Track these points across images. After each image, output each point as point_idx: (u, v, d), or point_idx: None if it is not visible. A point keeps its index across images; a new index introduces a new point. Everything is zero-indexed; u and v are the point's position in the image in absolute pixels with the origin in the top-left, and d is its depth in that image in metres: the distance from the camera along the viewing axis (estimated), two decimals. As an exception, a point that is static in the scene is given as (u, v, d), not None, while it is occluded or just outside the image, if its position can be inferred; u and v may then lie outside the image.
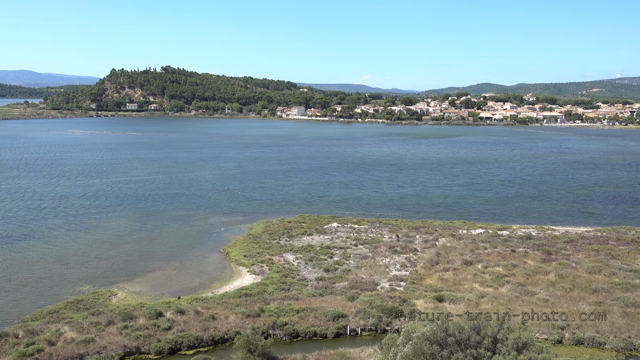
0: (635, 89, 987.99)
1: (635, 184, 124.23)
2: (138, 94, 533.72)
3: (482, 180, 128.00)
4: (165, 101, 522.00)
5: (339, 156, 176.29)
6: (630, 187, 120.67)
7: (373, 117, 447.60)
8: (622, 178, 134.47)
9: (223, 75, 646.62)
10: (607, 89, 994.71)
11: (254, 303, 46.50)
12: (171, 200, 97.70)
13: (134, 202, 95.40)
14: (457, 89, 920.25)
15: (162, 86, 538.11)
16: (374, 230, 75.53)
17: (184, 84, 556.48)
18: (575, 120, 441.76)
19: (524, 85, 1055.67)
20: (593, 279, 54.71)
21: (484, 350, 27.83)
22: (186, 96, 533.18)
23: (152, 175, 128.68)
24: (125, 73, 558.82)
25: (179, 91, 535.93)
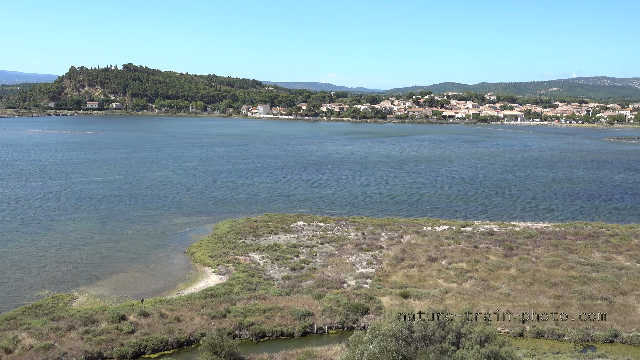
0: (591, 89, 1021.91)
1: (590, 181, 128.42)
2: (99, 92, 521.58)
3: (445, 177, 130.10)
4: (127, 100, 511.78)
5: (304, 155, 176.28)
6: (585, 183, 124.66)
7: (338, 115, 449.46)
8: (578, 175, 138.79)
9: (187, 74, 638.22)
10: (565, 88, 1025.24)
11: (219, 304, 46.05)
12: (133, 201, 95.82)
13: (94, 203, 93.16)
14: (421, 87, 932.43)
15: (123, 84, 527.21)
16: (340, 229, 75.83)
17: (147, 82, 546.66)
18: (534, 118, 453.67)
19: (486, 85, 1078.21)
20: (552, 273, 56.30)
21: (448, 345, 28.30)
22: (149, 94, 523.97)
23: (113, 175, 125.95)
24: (85, 71, 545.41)
25: (142, 89, 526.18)
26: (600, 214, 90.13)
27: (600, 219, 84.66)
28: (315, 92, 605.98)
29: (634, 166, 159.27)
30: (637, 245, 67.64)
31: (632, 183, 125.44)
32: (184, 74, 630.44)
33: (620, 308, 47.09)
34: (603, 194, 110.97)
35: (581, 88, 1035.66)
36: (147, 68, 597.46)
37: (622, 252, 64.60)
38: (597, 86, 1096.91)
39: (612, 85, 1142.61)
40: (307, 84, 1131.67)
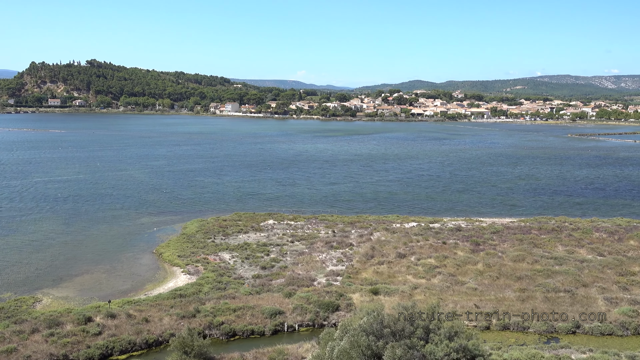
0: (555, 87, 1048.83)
1: (553, 177, 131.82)
2: (61, 89, 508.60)
3: (413, 175, 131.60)
4: (91, 97, 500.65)
5: (273, 153, 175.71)
6: (549, 179, 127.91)
7: (308, 113, 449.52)
8: (542, 171, 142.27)
9: (153, 70, 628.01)
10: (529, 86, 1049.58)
11: (189, 304, 45.60)
12: (98, 200, 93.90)
13: (57, 203, 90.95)
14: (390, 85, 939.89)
15: (87, 81, 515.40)
16: (310, 227, 75.94)
17: (111, 78, 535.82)
18: (500, 116, 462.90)
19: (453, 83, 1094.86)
20: (517, 267, 57.63)
21: (417, 340, 28.69)
22: (114, 91, 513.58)
23: (77, 174, 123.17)
24: (47, 67, 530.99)
25: (106, 86, 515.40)
26: (562, 208, 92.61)
27: (563, 213, 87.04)
28: (284, 90, 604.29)
29: (595, 162, 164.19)
30: (598, 239, 69.80)
31: (593, 178, 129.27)
32: (150, 71, 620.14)
33: (582, 300, 48.55)
34: (565, 189, 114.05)
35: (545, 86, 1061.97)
36: (111, 64, 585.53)
37: (584, 246, 66.58)
38: (561, 84, 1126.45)
39: (574, 83, 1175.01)
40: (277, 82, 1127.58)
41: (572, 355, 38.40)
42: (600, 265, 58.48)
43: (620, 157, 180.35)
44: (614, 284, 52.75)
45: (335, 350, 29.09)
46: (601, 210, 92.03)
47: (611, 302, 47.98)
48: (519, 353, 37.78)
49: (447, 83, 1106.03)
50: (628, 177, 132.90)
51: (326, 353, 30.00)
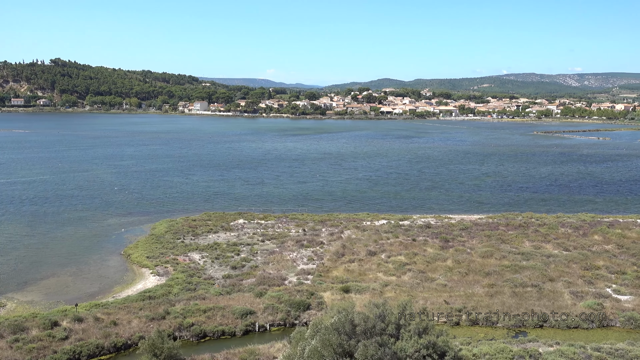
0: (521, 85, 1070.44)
1: (519, 174, 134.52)
2: (24, 88, 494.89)
3: (382, 173, 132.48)
4: (56, 96, 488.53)
5: (241, 152, 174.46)
6: (515, 176, 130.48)
7: (278, 112, 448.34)
8: (509, 168, 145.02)
9: (120, 69, 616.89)
10: (496, 84, 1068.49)
11: (158, 305, 44.90)
12: (64, 202, 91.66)
13: (21, 205, 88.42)
14: (359, 84, 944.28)
15: (51, 80, 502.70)
16: (280, 225, 75.68)
17: (77, 77, 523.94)
18: (468, 114, 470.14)
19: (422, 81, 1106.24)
20: (486, 263, 58.59)
21: (387, 337, 28.87)
22: (79, 91, 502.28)
23: (42, 175, 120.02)
24: (9, 66, 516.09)
25: (71, 85, 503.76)
26: (529, 205, 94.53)
27: (530, 209, 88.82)
28: (254, 89, 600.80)
29: (559, 159, 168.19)
30: (564, 234, 71.52)
31: (558, 175, 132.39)
32: (116, 70, 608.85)
33: (549, 294, 49.67)
34: (531, 186, 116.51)
35: (511, 84, 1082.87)
36: (76, 63, 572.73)
37: (550, 241, 68.11)
38: (526, 82, 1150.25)
39: (540, 81, 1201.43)
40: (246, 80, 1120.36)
41: (540, 348, 39.20)
42: (566, 260, 59.93)
43: (583, 154, 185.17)
44: (579, 278, 54.12)
45: (306, 350, 29.04)
46: (566, 206, 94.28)
47: (577, 296, 49.21)
48: (488, 348, 38.38)
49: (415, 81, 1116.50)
50: (591, 173, 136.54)
51: (297, 352, 29.93)
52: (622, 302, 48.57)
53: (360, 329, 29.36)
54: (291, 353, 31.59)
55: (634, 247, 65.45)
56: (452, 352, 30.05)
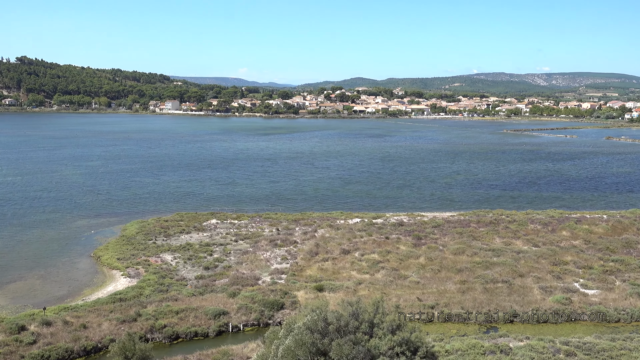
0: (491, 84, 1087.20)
1: (489, 172, 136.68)
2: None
3: (355, 172, 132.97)
4: (22, 95, 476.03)
5: (213, 152, 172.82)
6: (486, 174, 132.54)
7: (251, 111, 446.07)
8: (479, 166, 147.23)
9: (88, 67, 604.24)
10: (467, 83, 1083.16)
11: (129, 307, 44.19)
12: (30, 204, 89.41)
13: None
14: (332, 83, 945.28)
15: (17, 78, 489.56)
16: (254, 225, 75.29)
17: (44, 76, 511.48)
18: (439, 112, 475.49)
19: (394, 80, 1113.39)
20: (458, 260, 59.34)
21: (361, 335, 28.96)
22: (47, 90, 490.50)
23: (7, 177, 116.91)
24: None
25: (38, 84, 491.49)
26: (499, 202, 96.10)
27: (500, 206, 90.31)
28: (226, 88, 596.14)
29: (528, 157, 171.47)
30: (533, 230, 72.93)
31: (527, 172, 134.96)
32: (85, 68, 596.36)
33: (519, 290, 50.59)
34: (501, 183, 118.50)
35: (481, 83, 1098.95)
36: (43, 61, 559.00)
37: (520, 237, 69.38)
38: (496, 81, 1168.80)
39: (509, 80, 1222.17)
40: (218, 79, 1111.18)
41: (510, 343, 39.89)
42: (535, 255, 61.13)
43: (551, 151, 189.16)
44: (548, 273, 55.26)
45: (280, 349, 28.94)
46: (534, 203, 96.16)
47: (546, 291, 50.24)
48: (460, 343, 38.89)
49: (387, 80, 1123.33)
50: (559, 170, 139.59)
51: (271, 352, 29.80)
52: (589, 296, 49.78)
53: (334, 328, 29.38)
54: (265, 353, 31.45)
55: (601, 242, 67.15)
56: (425, 348, 30.32)
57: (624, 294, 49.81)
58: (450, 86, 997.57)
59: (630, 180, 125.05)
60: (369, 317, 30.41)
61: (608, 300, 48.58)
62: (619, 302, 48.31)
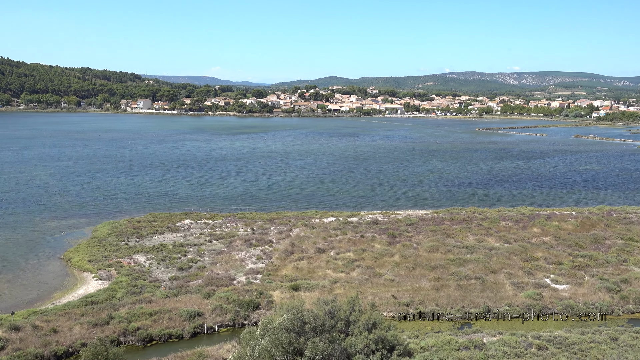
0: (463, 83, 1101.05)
1: (462, 170, 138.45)
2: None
3: (329, 170, 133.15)
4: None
5: (186, 152, 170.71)
6: (458, 172, 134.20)
7: (224, 110, 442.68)
8: (452, 165, 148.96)
9: (57, 66, 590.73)
10: (439, 82, 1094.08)
11: (101, 310, 43.38)
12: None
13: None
14: (306, 81, 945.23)
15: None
16: (228, 225, 74.74)
17: (10, 74, 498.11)
18: (413, 111, 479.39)
19: (368, 79, 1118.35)
20: (432, 257, 59.92)
21: (337, 334, 28.99)
22: (13, 89, 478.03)
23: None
24: None
25: (4, 83, 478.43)
26: (472, 200, 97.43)
27: (473, 204, 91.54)
28: (199, 86, 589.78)
29: (500, 155, 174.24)
30: (505, 227, 74.10)
31: (498, 171, 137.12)
32: (53, 67, 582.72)
33: (492, 286, 51.34)
34: (474, 181, 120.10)
35: (454, 82, 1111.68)
36: (9, 60, 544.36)
37: (492, 234, 70.42)
38: (468, 80, 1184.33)
39: (480, 79, 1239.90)
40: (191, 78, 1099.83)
41: (484, 339, 40.45)
42: (507, 252, 62.13)
43: (522, 149, 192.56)
44: (519, 270, 56.22)
45: (256, 349, 28.77)
46: (506, 200, 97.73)
47: (518, 287, 51.10)
48: (435, 340, 39.29)
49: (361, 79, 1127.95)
50: (530, 168, 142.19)
51: (247, 352, 29.60)
52: (560, 291, 50.83)
53: (310, 327, 29.35)
54: (241, 353, 31.21)
55: (570, 238, 68.63)
56: (400, 346, 30.52)
57: (592, 289, 50.99)
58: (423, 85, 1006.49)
59: (598, 177, 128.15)
60: (345, 315, 30.46)
61: (577, 295, 49.67)
62: (588, 296, 49.45)
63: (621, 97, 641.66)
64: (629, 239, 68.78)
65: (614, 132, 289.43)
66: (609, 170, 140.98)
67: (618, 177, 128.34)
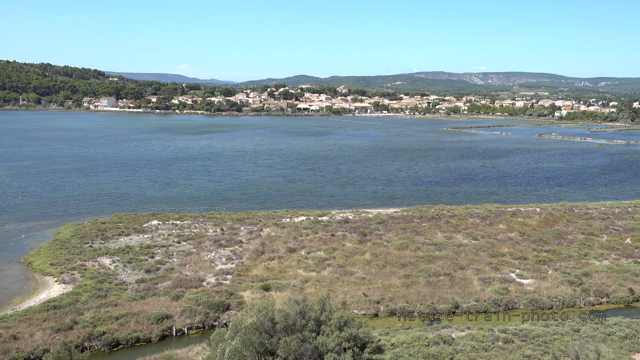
0: (431, 82, 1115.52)
1: (429, 168, 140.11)
2: None
3: (299, 170, 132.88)
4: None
5: (152, 151, 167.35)
6: (427, 170, 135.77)
7: (192, 108, 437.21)
8: (420, 163, 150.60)
9: (15, 62, 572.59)
10: (408, 82, 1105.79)
11: (65, 315, 42.13)
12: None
13: None
14: (276, 80, 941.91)
15: None
16: (197, 225, 73.70)
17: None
18: (382, 110, 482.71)
19: (337, 78, 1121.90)
20: (402, 255, 60.34)
21: (309, 333, 28.82)
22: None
23: None
24: None
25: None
26: (440, 198, 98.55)
27: (441, 202, 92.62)
28: (166, 84, 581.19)
29: (467, 153, 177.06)
30: (472, 224, 75.23)
31: (465, 169, 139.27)
32: (10, 62, 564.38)
33: (460, 282, 52.02)
34: (441, 180, 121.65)
35: (422, 82, 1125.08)
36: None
37: (460, 231, 71.39)
38: (436, 80, 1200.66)
39: (448, 79, 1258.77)
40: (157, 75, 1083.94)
41: (453, 334, 40.91)
42: (475, 248, 63.07)
43: (488, 148, 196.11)
44: (487, 265, 57.15)
45: (227, 351, 28.35)
46: (473, 198, 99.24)
47: (485, 282, 51.91)
48: (405, 336, 39.53)
49: (331, 78, 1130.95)
50: (495, 166, 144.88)
51: (217, 354, 29.15)
52: (525, 286, 51.88)
53: (281, 327, 29.09)
54: (211, 355, 30.73)
55: (534, 234, 70.16)
56: (372, 343, 30.54)
57: (555, 282, 52.26)
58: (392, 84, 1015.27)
59: (560, 174, 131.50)
60: (316, 314, 30.31)
61: (542, 289, 50.80)
62: (551, 289, 50.66)
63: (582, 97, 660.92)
64: (590, 233, 70.77)
65: (575, 130, 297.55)
66: (571, 167, 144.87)
67: (579, 175, 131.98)
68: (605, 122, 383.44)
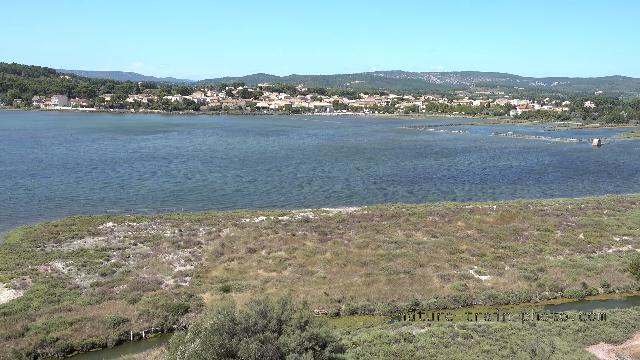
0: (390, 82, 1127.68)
1: (388, 167, 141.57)
2: None
3: (256, 170, 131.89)
4: None
5: (104, 151, 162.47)
6: (385, 169, 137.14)
7: (148, 107, 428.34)
8: (379, 162, 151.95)
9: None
10: (367, 81, 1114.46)
11: (15, 322, 40.49)
12: None
13: None
14: (234, 78, 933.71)
15: None
16: (154, 227, 72.14)
17: None
18: (342, 109, 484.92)
19: (296, 77, 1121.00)
20: (363, 253, 60.66)
21: (270, 333, 28.57)
22: None
23: None
24: None
25: None
26: (399, 196, 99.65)
27: (399, 200, 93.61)
28: (120, 82, 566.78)
29: (425, 152, 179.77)
30: (432, 222, 76.35)
31: (423, 168, 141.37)
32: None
33: (420, 279, 52.68)
34: (400, 178, 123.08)
35: (381, 81, 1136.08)
36: None
37: (420, 229, 72.34)
38: (395, 79, 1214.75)
39: (406, 78, 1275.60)
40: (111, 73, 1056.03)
41: (413, 331, 41.38)
42: (434, 246, 64.03)
43: (445, 147, 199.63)
44: (446, 262, 58.09)
45: (186, 353, 27.82)
46: (431, 196, 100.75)
47: (444, 279, 52.74)
48: (367, 335, 39.74)
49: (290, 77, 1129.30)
50: (453, 165, 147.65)
51: (177, 358, 28.57)
52: (483, 282, 52.98)
53: (242, 327, 28.75)
54: (170, 359, 30.10)
55: (491, 230, 71.77)
56: (333, 342, 30.53)
57: (512, 278, 53.60)
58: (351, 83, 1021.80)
59: (515, 172, 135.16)
60: (277, 314, 30.10)
61: (499, 285, 52.00)
62: (508, 285, 51.91)
63: (536, 96, 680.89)
64: (545, 229, 72.94)
65: (529, 129, 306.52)
66: (526, 165, 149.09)
67: (533, 172, 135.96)
68: (559, 120, 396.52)
